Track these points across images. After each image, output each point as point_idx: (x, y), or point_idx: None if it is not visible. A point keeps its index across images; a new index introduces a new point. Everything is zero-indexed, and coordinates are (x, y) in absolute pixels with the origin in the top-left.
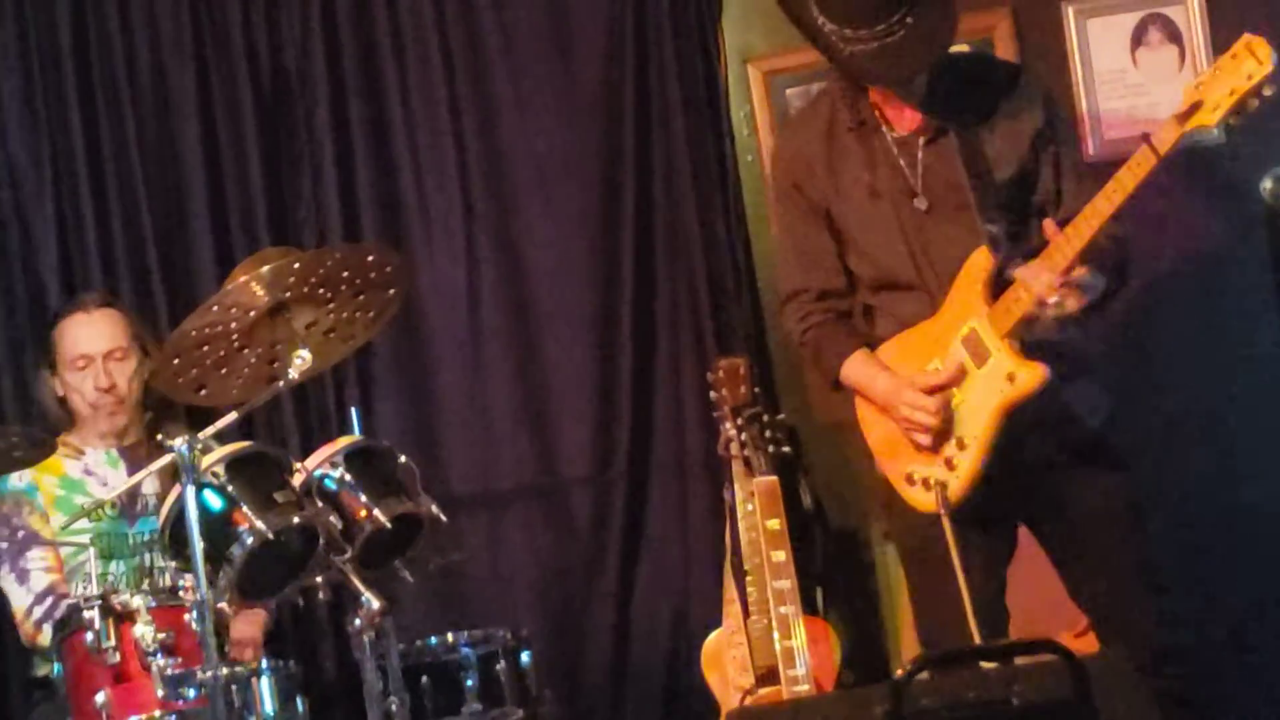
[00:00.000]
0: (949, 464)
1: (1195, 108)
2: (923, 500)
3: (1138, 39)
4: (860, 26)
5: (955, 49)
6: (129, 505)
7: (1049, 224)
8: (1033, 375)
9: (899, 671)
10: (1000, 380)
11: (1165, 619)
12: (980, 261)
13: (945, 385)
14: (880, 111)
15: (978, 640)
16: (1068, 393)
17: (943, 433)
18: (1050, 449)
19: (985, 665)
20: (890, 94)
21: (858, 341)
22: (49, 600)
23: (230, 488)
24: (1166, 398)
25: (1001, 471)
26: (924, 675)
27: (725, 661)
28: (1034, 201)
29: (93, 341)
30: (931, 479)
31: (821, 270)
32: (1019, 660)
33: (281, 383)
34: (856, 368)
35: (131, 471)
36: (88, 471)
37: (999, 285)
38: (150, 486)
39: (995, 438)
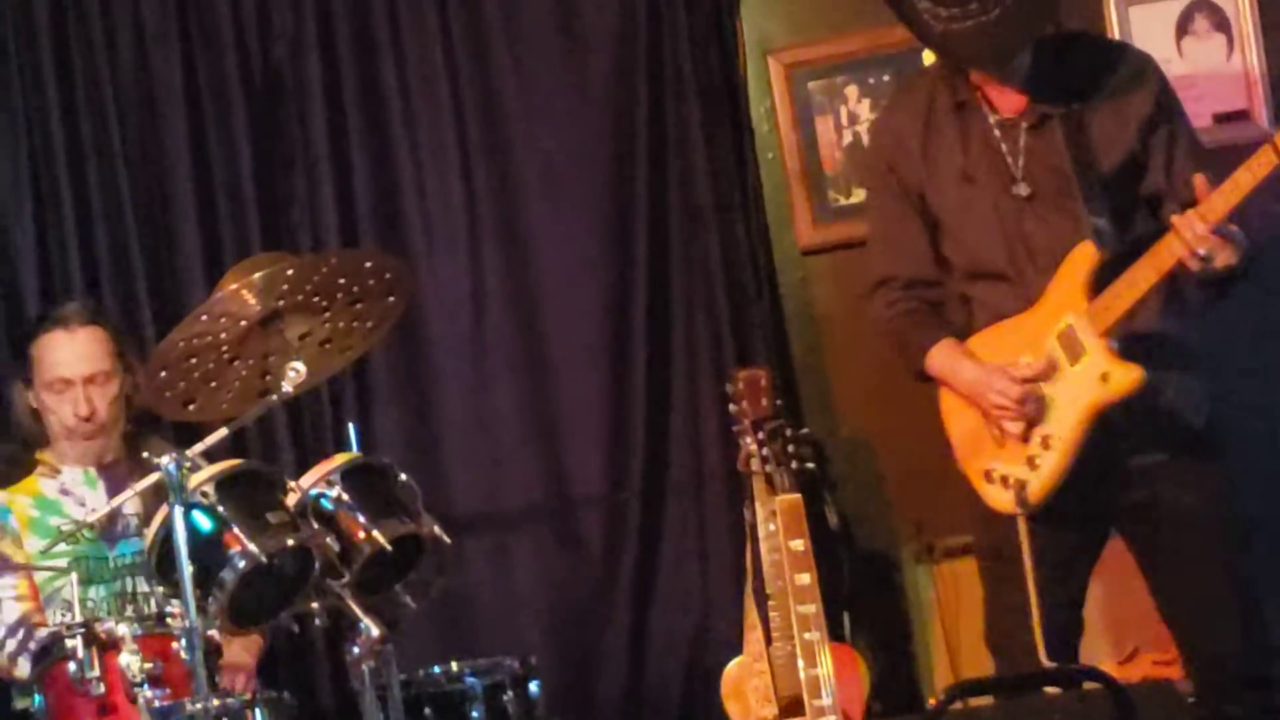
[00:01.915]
0: (1031, 463)
1: None
2: (1001, 499)
3: (1183, 27)
4: (955, 4)
5: (1069, 30)
6: (109, 527)
7: (1200, 188)
8: (1128, 377)
9: (931, 701)
10: (1093, 380)
11: (1255, 639)
12: (1084, 255)
13: (1036, 377)
14: (982, 93)
15: (1042, 652)
16: (1165, 386)
17: (1028, 428)
18: (1145, 445)
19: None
20: (990, 79)
21: (945, 331)
22: (21, 632)
23: (220, 508)
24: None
25: (1090, 469)
26: (957, 705)
27: (746, 691)
28: (1141, 190)
29: (73, 365)
30: (1011, 477)
31: (911, 258)
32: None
33: (274, 397)
34: (942, 357)
35: (111, 491)
36: (64, 491)
37: (1100, 281)
38: (131, 507)
39: (1082, 438)
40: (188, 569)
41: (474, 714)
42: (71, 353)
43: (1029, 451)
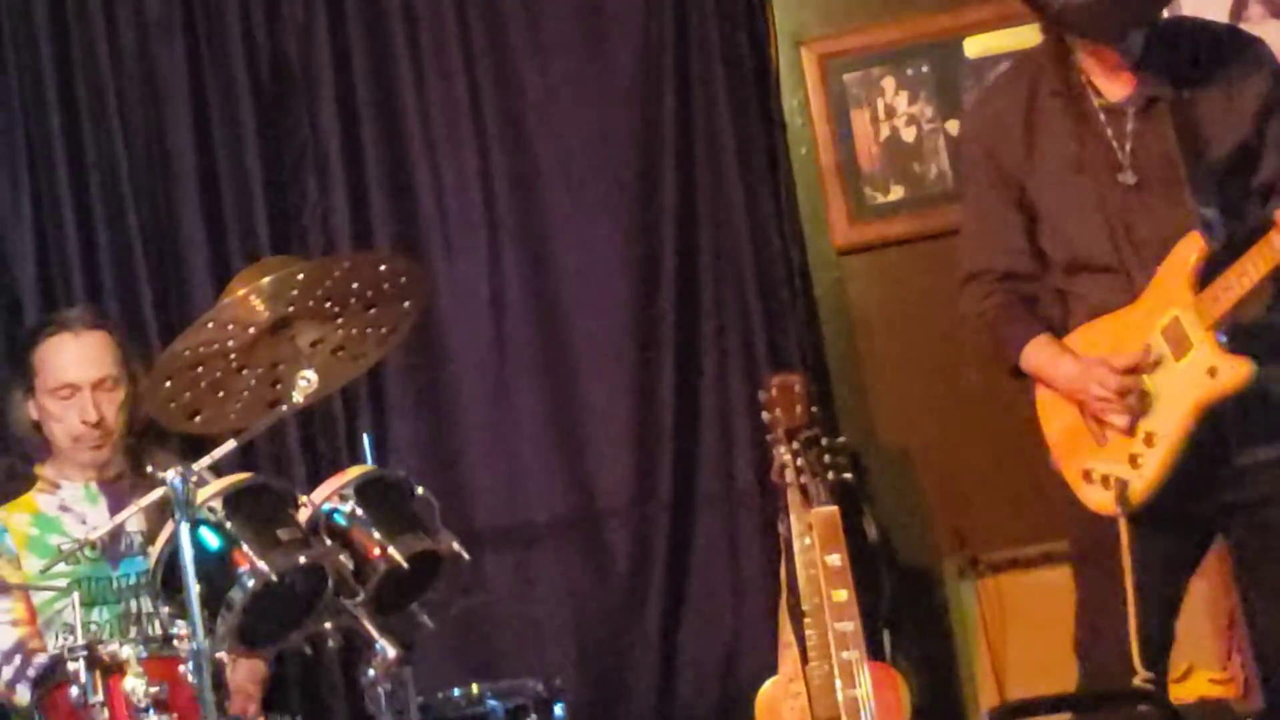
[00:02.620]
0: (1133, 461)
1: None
2: (1100, 500)
3: (1238, 14)
4: None
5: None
6: (111, 545)
7: None
8: (1237, 371)
9: None
10: (1200, 374)
11: None
12: (1191, 246)
13: (1138, 367)
14: (1088, 78)
15: (1138, 660)
16: (1274, 379)
17: (1132, 422)
18: (1255, 442)
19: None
20: (1101, 58)
21: (1040, 325)
22: (18, 659)
23: (229, 525)
24: None
25: (1196, 468)
26: None
27: (782, 713)
28: (1254, 182)
29: (81, 369)
30: (1113, 477)
31: (1008, 249)
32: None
33: (285, 407)
34: (1039, 352)
35: (113, 507)
36: (64, 508)
37: (1208, 273)
38: (135, 524)
39: (1188, 436)
40: (195, 588)
41: None
42: (79, 356)
43: (1131, 450)
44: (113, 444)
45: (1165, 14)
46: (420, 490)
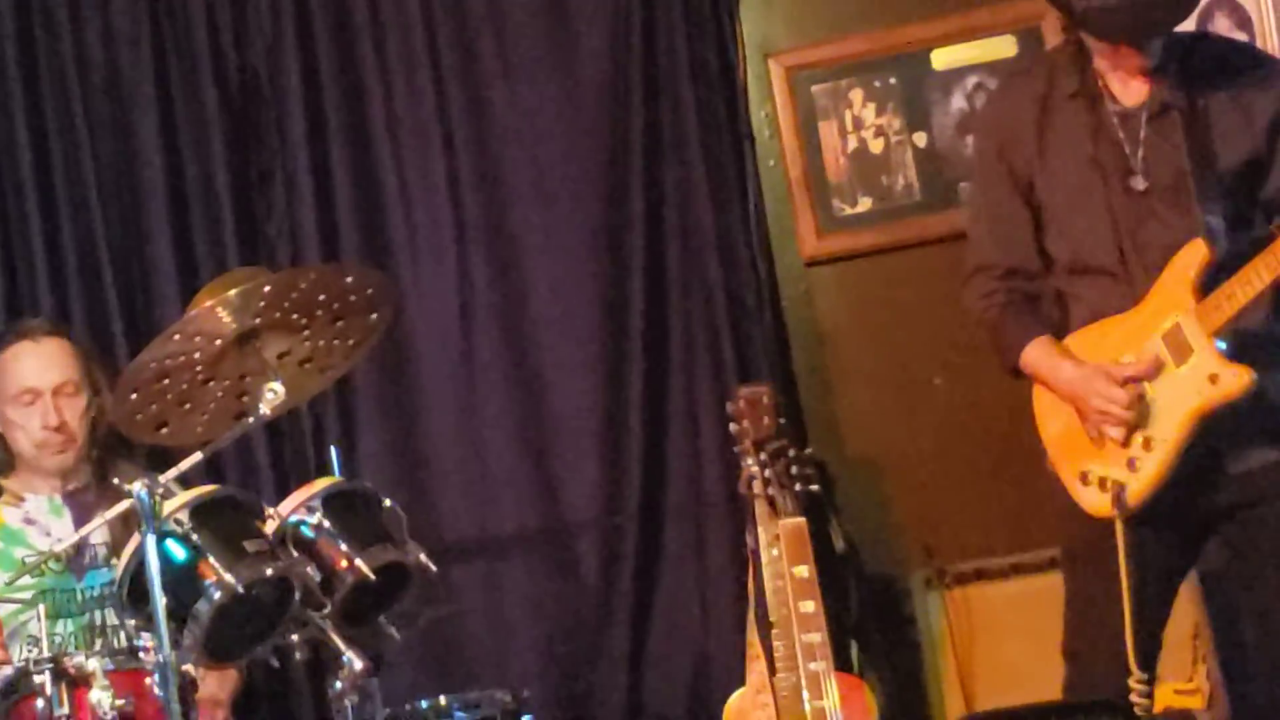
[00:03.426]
0: (1131, 465)
1: None
2: (1096, 503)
3: (1203, 26)
4: None
5: (1188, 29)
6: (76, 558)
7: None
8: (1238, 379)
9: None
10: (1201, 381)
11: None
12: (1195, 253)
13: (1139, 377)
14: (1104, 81)
15: (1133, 660)
16: (1272, 385)
17: (1130, 432)
18: (1252, 447)
19: None
20: (1118, 62)
21: (1042, 326)
22: None
23: (195, 537)
24: None
25: (1192, 472)
26: None
27: None
28: (1261, 195)
29: (41, 374)
30: (1110, 479)
31: (1013, 246)
32: None
33: (252, 419)
34: (1039, 354)
35: (78, 519)
36: (29, 520)
37: (1210, 281)
38: (100, 536)
39: (1186, 441)
40: (161, 601)
41: None
42: (38, 362)
43: (1129, 453)
44: (77, 452)
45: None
46: (388, 502)
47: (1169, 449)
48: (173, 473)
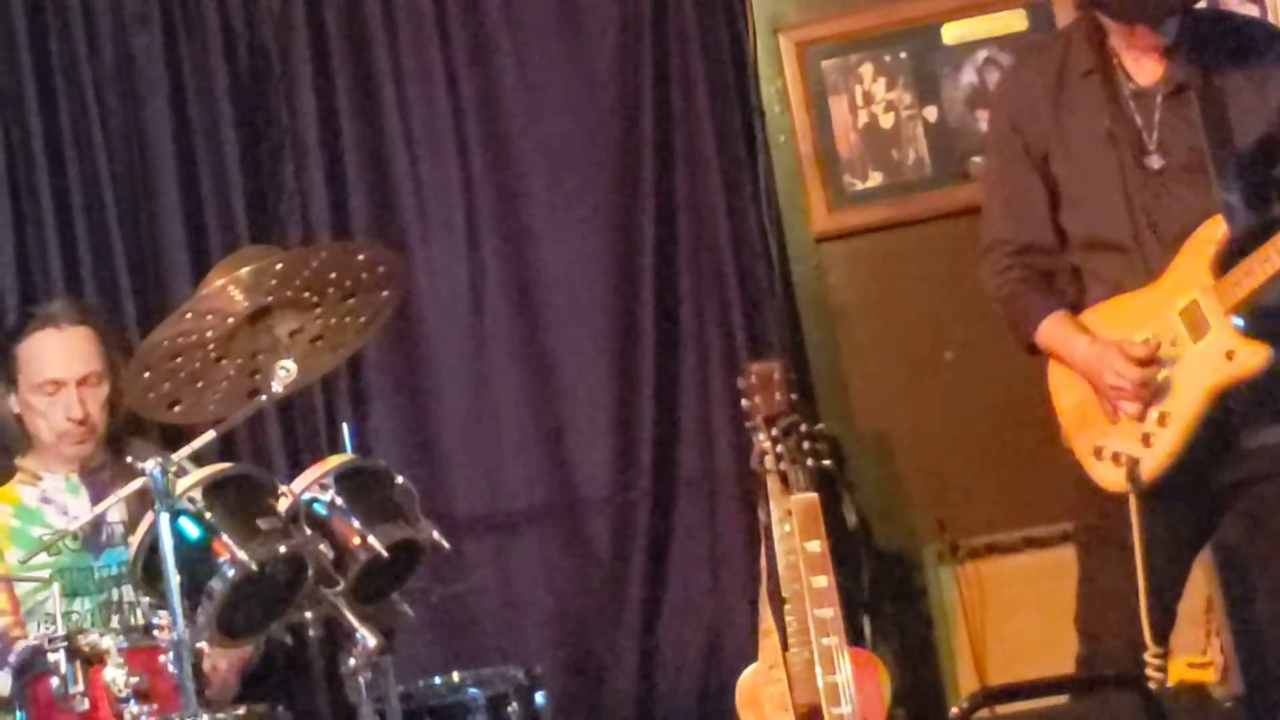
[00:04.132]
0: (1146, 440)
1: None
2: (1110, 477)
3: (1215, 1)
4: None
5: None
6: (93, 536)
7: None
8: (1255, 356)
9: (955, 710)
10: (1218, 357)
11: None
12: (1212, 231)
13: (1153, 357)
14: (1118, 59)
15: (1148, 635)
16: None
17: (1145, 408)
18: (1268, 423)
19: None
20: (1133, 41)
21: (1057, 302)
22: None
23: (209, 515)
24: None
25: (1207, 448)
26: (982, 713)
27: (762, 700)
28: (1277, 172)
29: (66, 365)
30: (1124, 455)
31: (1028, 221)
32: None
33: (264, 397)
34: (1054, 329)
35: (94, 498)
36: (45, 499)
37: (1228, 258)
38: (116, 514)
39: (1202, 417)
40: (175, 578)
41: None
42: (63, 352)
43: (1144, 429)
44: (97, 439)
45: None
46: (400, 479)
47: (1184, 425)
48: (185, 451)
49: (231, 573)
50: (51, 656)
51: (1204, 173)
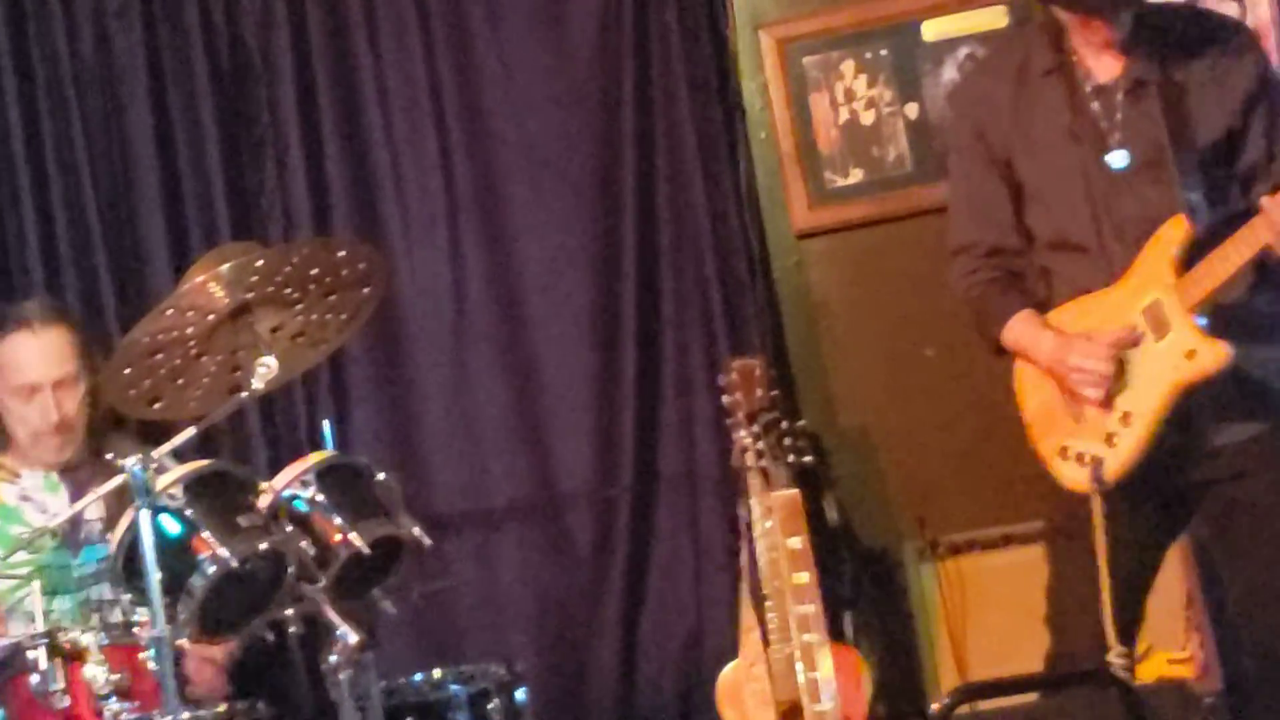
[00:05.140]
0: (1109, 440)
1: None
2: (1075, 477)
3: None
4: None
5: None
6: (71, 534)
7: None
8: (1215, 354)
9: (935, 706)
10: (1179, 356)
11: None
12: (1174, 230)
13: (1120, 343)
14: (1078, 57)
15: (1112, 635)
16: (1249, 360)
17: (1107, 404)
18: (1230, 422)
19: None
20: (1090, 37)
21: (1025, 301)
22: None
23: (189, 511)
24: None
25: (1171, 447)
26: (963, 709)
27: (744, 696)
28: (1237, 168)
29: (42, 368)
30: (1088, 455)
31: (994, 224)
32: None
33: (245, 394)
34: (1021, 328)
35: (74, 495)
36: (24, 497)
37: (1191, 256)
38: (94, 512)
39: (1165, 416)
40: (155, 575)
41: None
42: (39, 355)
43: (1108, 428)
44: (75, 440)
45: None
46: (381, 476)
47: (1147, 424)
48: (166, 447)
49: (212, 569)
50: (31, 654)
51: (1165, 169)
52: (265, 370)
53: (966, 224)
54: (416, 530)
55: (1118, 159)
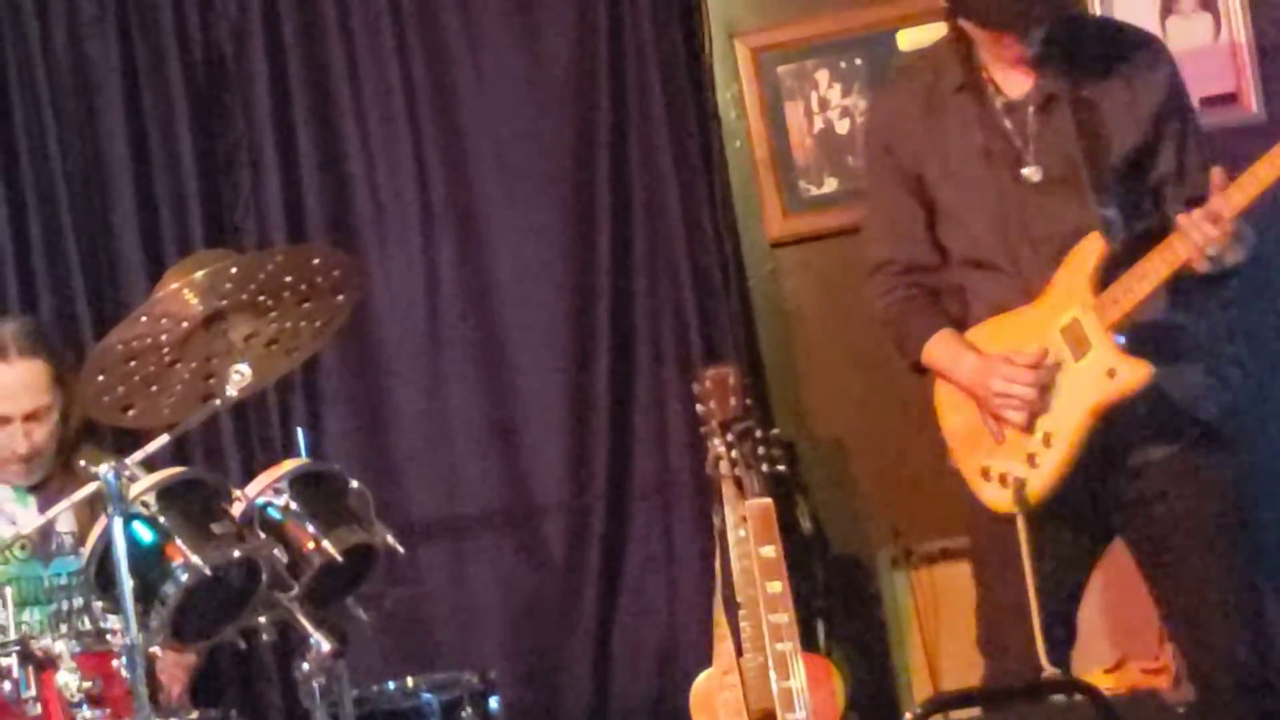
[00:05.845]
0: (1031, 461)
1: None
2: (997, 498)
3: (1168, 6)
4: None
5: (1080, 13)
6: (42, 545)
7: (1217, 191)
8: (1135, 373)
9: (908, 716)
10: (1099, 375)
11: (1258, 645)
12: (1092, 246)
13: (1040, 364)
14: (988, 74)
15: (1043, 655)
16: (1173, 378)
17: (1029, 425)
18: (1151, 440)
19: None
20: (1001, 53)
21: (944, 320)
22: None
23: (162, 519)
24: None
25: (1093, 466)
26: (936, 718)
27: (717, 705)
28: (1150, 181)
29: (12, 401)
30: (1010, 475)
31: (909, 241)
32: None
33: (218, 401)
34: (940, 348)
35: (44, 507)
36: None
37: (1108, 274)
38: (66, 524)
39: (1086, 436)
40: (128, 583)
41: None
42: (11, 389)
43: (1029, 449)
44: (42, 461)
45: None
46: (354, 484)
47: (1069, 444)
48: (139, 455)
49: (185, 577)
50: (3, 661)
51: (1079, 184)
52: (239, 378)
53: (881, 242)
54: (390, 538)
55: (1034, 175)
